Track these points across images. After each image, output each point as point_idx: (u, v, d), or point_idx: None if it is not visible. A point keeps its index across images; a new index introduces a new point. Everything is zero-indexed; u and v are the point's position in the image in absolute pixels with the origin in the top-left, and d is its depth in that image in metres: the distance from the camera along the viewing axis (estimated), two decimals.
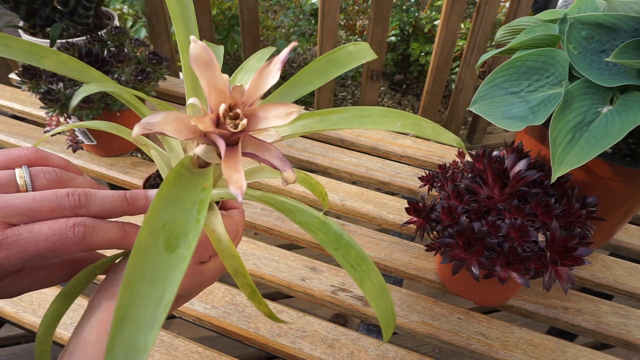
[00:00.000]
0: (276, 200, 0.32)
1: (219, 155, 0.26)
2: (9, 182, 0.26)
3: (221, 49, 0.41)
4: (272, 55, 0.31)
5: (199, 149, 0.27)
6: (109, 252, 0.34)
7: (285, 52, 0.26)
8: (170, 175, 0.23)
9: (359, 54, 0.37)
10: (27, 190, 0.26)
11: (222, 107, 0.24)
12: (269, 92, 0.65)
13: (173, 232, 0.20)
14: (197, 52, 0.24)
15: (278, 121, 0.25)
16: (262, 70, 0.26)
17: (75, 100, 0.23)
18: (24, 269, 0.28)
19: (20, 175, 0.27)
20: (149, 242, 0.19)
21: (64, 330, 0.53)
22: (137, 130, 0.23)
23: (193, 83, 0.31)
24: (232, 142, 0.25)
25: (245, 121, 0.25)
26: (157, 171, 0.38)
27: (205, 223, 0.32)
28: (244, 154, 0.25)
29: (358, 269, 0.30)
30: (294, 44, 0.26)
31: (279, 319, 0.38)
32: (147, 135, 0.28)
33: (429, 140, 0.89)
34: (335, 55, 0.36)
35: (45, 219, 0.25)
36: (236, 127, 0.25)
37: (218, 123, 0.25)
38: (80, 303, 0.56)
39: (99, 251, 0.34)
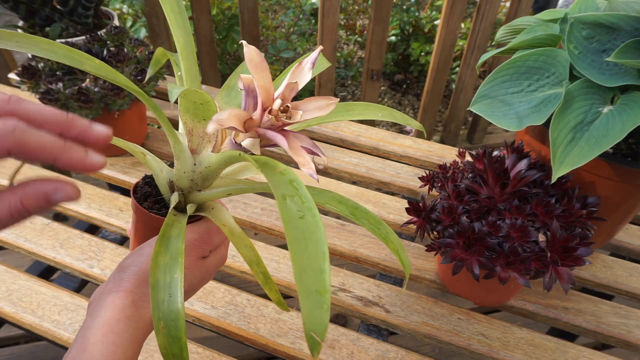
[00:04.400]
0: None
1: (262, 146, 0.30)
2: None
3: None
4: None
5: (246, 142, 0.30)
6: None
7: (315, 54, 0.30)
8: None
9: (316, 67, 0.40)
10: None
11: (278, 102, 0.28)
12: None
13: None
14: (251, 55, 0.28)
15: (319, 112, 0.29)
16: (296, 69, 0.30)
17: (172, 98, 0.27)
18: None
19: None
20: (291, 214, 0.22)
21: (63, 331, 0.53)
22: (211, 127, 0.26)
23: (192, 83, 0.31)
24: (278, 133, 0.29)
25: (301, 112, 0.29)
26: (144, 178, 0.39)
27: (214, 219, 0.35)
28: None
29: (381, 228, 0.35)
30: (321, 47, 0.31)
31: (287, 308, 0.41)
32: (190, 134, 0.31)
33: (427, 140, 0.89)
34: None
35: None
36: (289, 118, 0.29)
37: (262, 117, 0.29)
38: (80, 303, 0.56)
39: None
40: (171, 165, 0.36)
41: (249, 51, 0.28)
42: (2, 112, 0.23)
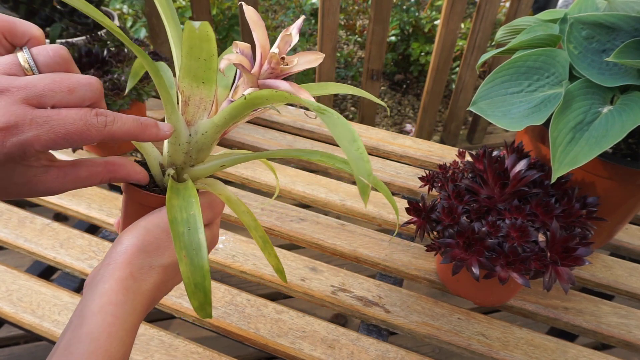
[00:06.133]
0: (294, 152, 0.36)
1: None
2: (14, 66, 0.26)
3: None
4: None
5: (248, 91, 0.33)
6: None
7: (300, 20, 0.34)
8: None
9: None
10: (32, 73, 0.27)
11: (276, 50, 0.32)
12: None
13: None
14: (250, 14, 0.32)
15: (309, 64, 0.34)
16: (285, 33, 0.33)
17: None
18: (67, 164, 0.29)
19: (24, 58, 0.27)
20: None
21: (60, 330, 0.53)
22: (223, 63, 0.31)
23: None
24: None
25: (297, 59, 0.33)
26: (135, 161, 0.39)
27: (210, 190, 0.36)
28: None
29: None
30: (303, 17, 0.35)
31: (286, 278, 0.42)
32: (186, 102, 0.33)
33: (427, 140, 0.89)
34: None
35: (65, 101, 0.26)
36: (287, 65, 0.33)
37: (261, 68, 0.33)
38: (76, 302, 0.56)
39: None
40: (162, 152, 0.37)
41: (248, 10, 0.32)
42: (101, 133, 0.27)
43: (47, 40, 0.81)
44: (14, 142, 0.24)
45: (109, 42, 0.75)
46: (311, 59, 0.34)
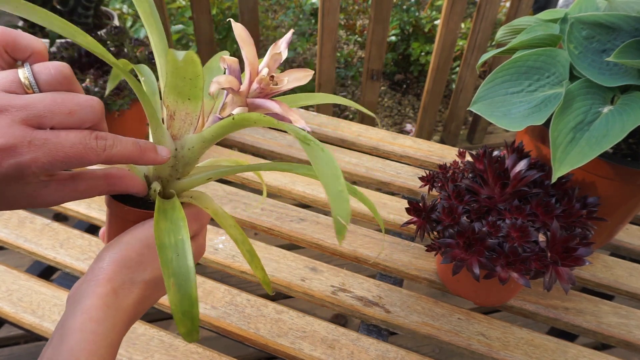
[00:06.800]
0: (282, 166, 0.35)
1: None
2: (14, 83, 0.26)
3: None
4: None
5: (236, 110, 0.33)
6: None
7: (289, 35, 0.33)
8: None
9: None
10: (32, 91, 0.26)
11: (266, 70, 0.32)
12: None
13: None
14: (239, 31, 0.32)
15: (298, 82, 0.34)
16: (273, 49, 0.33)
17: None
18: (66, 177, 0.29)
19: (24, 75, 0.26)
20: None
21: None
22: (213, 87, 0.30)
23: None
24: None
25: (287, 79, 0.33)
26: None
27: (196, 204, 0.36)
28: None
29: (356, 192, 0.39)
30: (291, 31, 0.35)
31: (271, 289, 0.42)
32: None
33: (427, 140, 0.89)
34: None
35: (64, 123, 0.26)
36: (276, 84, 0.32)
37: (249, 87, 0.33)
38: None
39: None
40: None
41: (237, 27, 0.32)
42: (100, 157, 0.27)
43: (47, 41, 0.81)
44: (12, 164, 0.24)
45: (108, 42, 0.75)
46: (300, 77, 0.34)
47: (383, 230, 0.38)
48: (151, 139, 0.34)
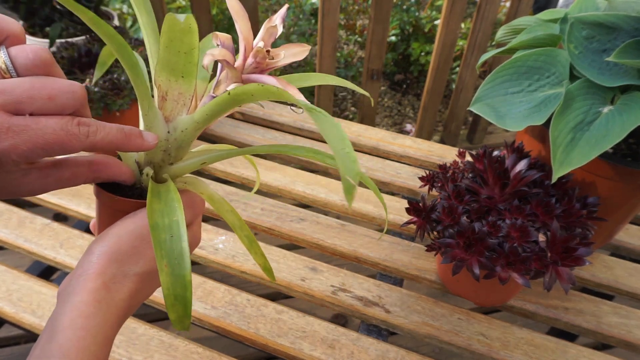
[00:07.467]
0: (278, 147, 0.35)
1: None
2: None
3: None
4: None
5: (232, 87, 0.31)
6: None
7: (283, 10, 0.33)
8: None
9: None
10: (10, 75, 0.25)
11: (261, 44, 0.31)
12: None
13: None
14: (232, 4, 0.31)
15: (295, 57, 0.33)
16: (268, 23, 0.32)
17: None
18: (48, 165, 0.28)
19: (1, 59, 0.25)
20: None
21: None
22: (207, 59, 0.29)
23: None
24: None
25: (283, 53, 0.32)
26: None
27: (191, 189, 0.35)
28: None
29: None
30: (286, 5, 0.34)
31: (274, 277, 0.41)
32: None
33: (427, 140, 0.89)
34: None
35: (44, 109, 0.25)
36: (273, 58, 0.31)
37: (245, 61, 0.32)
38: None
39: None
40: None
41: (231, 1, 0.31)
42: (83, 143, 0.26)
43: (47, 41, 0.81)
44: None
45: None
46: (297, 52, 0.33)
47: (386, 214, 0.36)
48: (142, 122, 0.33)
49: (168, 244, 0.27)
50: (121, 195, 0.32)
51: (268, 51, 0.31)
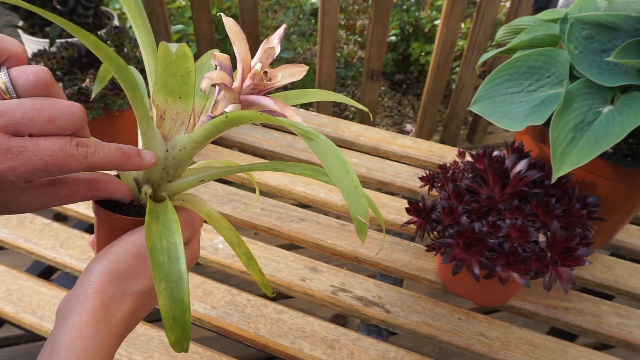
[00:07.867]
0: (275, 165, 0.35)
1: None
2: None
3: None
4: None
5: (229, 108, 0.32)
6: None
7: (281, 30, 0.33)
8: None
9: None
10: (10, 96, 0.25)
11: (259, 65, 0.31)
12: None
13: None
14: (230, 25, 0.31)
15: (292, 78, 0.33)
16: (266, 44, 0.32)
17: None
18: (46, 183, 0.28)
19: (1, 80, 0.25)
20: None
21: None
22: (204, 83, 0.29)
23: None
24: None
25: (281, 74, 0.32)
26: None
27: (189, 207, 0.35)
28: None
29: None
30: (284, 26, 0.34)
31: (271, 291, 0.41)
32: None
33: (427, 140, 0.89)
34: None
35: (44, 130, 0.25)
36: (271, 79, 0.32)
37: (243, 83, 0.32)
38: None
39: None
40: None
41: (228, 22, 0.31)
42: (82, 164, 0.26)
43: (47, 41, 0.81)
44: None
45: (108, 42, 0.75)
46: (294, 72, 0.33)
47: (384, 229, 0.37)
48: (140, 141, 0.33)
49: (166, 267, 0.27)
50: (120, 212, 0.32)
51: (266, 72, 0.31)
